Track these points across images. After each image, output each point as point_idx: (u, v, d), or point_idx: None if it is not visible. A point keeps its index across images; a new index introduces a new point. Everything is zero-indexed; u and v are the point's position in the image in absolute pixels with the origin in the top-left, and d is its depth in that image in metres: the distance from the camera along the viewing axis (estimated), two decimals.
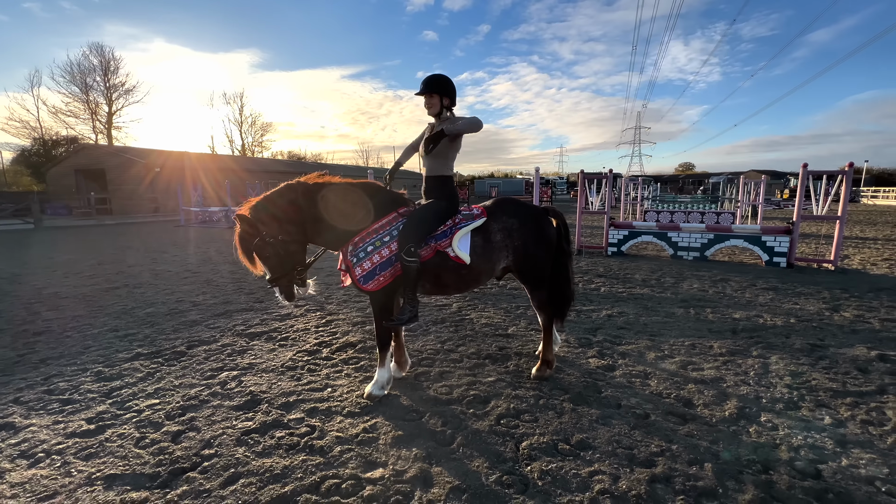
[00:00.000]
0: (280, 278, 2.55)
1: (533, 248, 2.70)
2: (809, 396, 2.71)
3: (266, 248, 2.50)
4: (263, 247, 2.50)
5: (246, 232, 2.50)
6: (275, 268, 2.54)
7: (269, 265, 2.54)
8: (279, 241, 2.51)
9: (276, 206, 2.54)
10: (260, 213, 2.52)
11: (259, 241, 2.49)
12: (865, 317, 4.31)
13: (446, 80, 2.65)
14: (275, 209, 2.53)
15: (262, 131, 50.62)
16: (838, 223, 6.78)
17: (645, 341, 3.68)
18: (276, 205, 2.54)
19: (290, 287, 2.60)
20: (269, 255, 2.51)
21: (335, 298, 5.26)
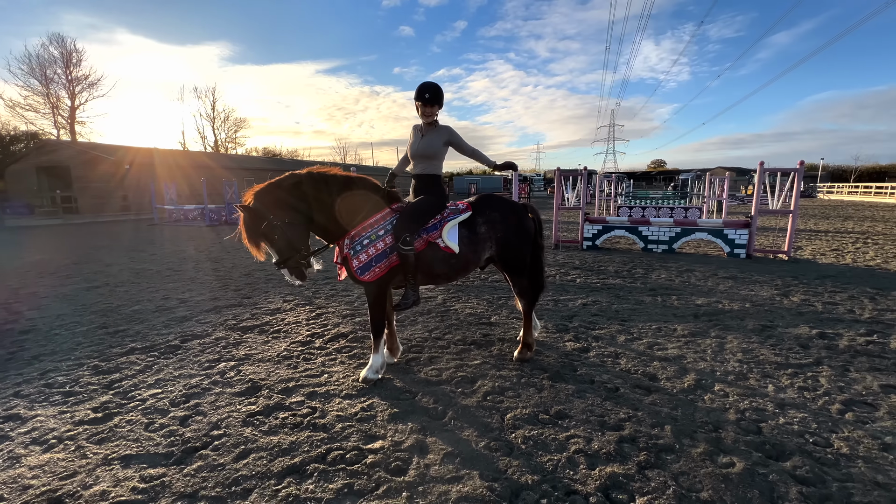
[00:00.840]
0: (289, 259, 2.68)
1: (514, 239, 2.96)
2: (757, 369, 3.07)
3: (274, 231, 2.63)
4: (271, 230, 2.62)
5: (252, 218, 2.62)
6: (283, 250, 2.67)
7: (277, 248, 2.67)
8: (286, 223, 2.64)
9: (283, 191, 2.68)
10: (266, 198, 2.65)
11: (266, 225, 2.62)
12: (811, 301, 4.78)
13: (441, 90, 2.89)
14: (281, 193, 2.67)
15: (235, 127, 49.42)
16: (791, 216, 7.35)
17: (616, 326, 4.00)
18: (282, 189, 2.69)
19: (299, 267, 2.73)
20: (278, 238, 2.64)
21: (323, 293, 5.40)
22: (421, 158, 2.94)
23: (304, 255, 2.73)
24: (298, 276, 2.74)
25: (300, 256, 2.71)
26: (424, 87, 2.83)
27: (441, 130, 2.92)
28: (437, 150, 2.91)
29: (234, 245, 9.93)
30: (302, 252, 2.72)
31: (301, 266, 2.73)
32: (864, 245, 8.84)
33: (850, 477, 1.95)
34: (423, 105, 2.84)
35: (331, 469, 2.04)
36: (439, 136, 2.91)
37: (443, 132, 2.92)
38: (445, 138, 2.92)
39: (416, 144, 2.95)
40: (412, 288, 2.81)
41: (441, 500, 1.84)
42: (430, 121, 2.90)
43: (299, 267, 2.72)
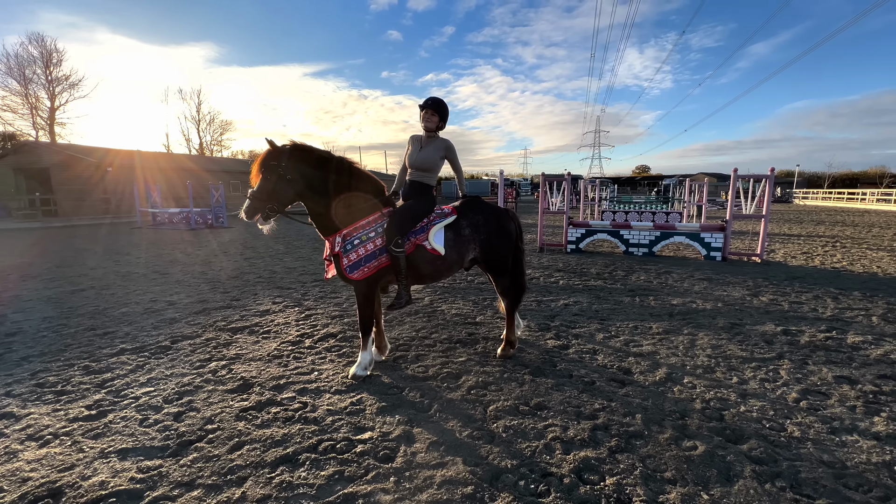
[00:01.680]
0: (259, 199, 2.70)
1: (496, 241, 3.12)
2: (724, 363, 3.27)
3: (273, 174, 2.71)
4: (272, 172, 2.70)
5: (273, 155, 2.71)
6: (263, 192, 2.70)
7: (262, 188, 2.72)
8: (286, 178, 2.72)
9: (310, 155, 2.80)
10: (296, 150, 2.76)
11: (275, 166, 2.70)
12: (778, 300, 5.05)
13: (445, 105, 3.09)
14: (307, 156, 2.78)
15: (221, 129, 48.87)
16: (763, 221, 7.69)
17: (595, 325, 4.19)
18: (311, 154, 2.81)
19: (257, 210, 2.71)
20: (270, 182, 2.70)
21: (311, 295, 5.49)
22: (418, 169, 3.10)
23: (273, 209, 2.74)
24: (248, 214, 2.72)
25: (270, 208, 2.74)
26: (430, 98, 3.04)
27: (439, 144, 3.10)
28: (435, 164, 3.10)
29: (222, 249, 9.91)
30: (275, 206, 2.74)
31: (257, 212, 2.72)
32: (833, 248, 9.26)
33: (799, 457, 2.14)
34: (425, 111, 3.02)
35: (322, 458, 2.16)
36: (437, 150, 3.09)
37: (441, 147, 3.10)
38: (442, 153, 3.11)
39: (414, 155, 3.10)
40: (404, 289, 2.95)
41: (426, 483, 1.97)
42: (430, 129, 3.07)
43: (257, 211, 2.72)
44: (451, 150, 3.13)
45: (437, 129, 3.12)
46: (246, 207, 2.72)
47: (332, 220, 2.86)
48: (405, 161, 3.22)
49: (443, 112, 3.10)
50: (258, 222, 2.77)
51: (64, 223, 18.10)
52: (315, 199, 2.83)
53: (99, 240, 12.17)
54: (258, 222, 2.77)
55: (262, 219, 2.75)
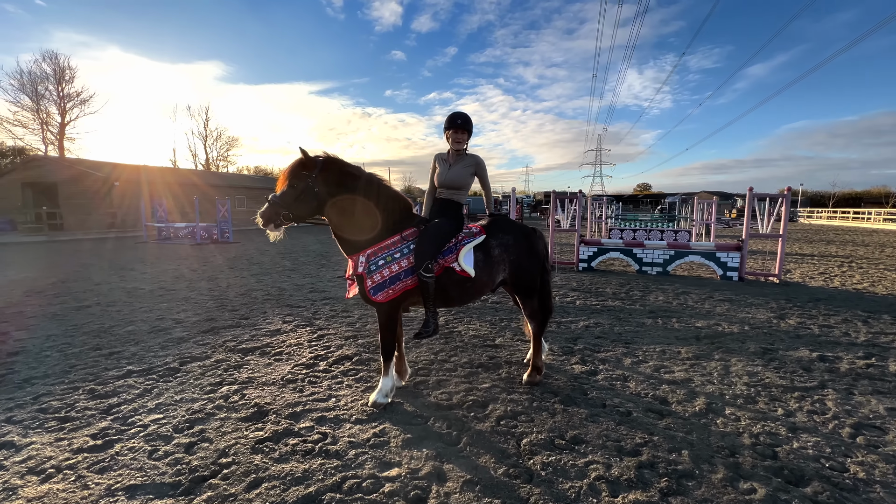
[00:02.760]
0: (280, 206, 2.61)
1: (526, 262, 2.99)
2: (764, 392, 3.09)
3: (300, 183, 2.62)
4: (300, 180, 2.62)
5: (303, 164, 2.62)
6: (285, 200, 2.62)
7: (287, 195, 2.62)
8: (312, 189, 2.63)
9: (340, 168, 2.72)
10: (329, 162, 2.69)
11: (304, 174, 2.62)
12: (807, 324, 4.87)
13: (471, 120, 3.01)
14: (337, 169, 2.70)
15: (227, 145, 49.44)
16: (780, 241, 7.55)
17: (621, 348, 4.01)
18: (341, 168, 2.73)
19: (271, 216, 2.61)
20: (296, 190, 2.61)
21: (322, 314, 5.33)
22: (448, 188, 3.01)
23: (289, 217, 2.64)
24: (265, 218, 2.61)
25: (285, 216, 2.63)
26: (456, 114, 2.95)
27: (468, 161, 3.01)
28: (466, 182, 3.01)
29: (228, 264, 9.80)
30: (290, 216, 2.64)
31: (273, 217, 2.62)
32: (850, 269, 9.09)
33: (870, 502, 1.95)
34: (455, 132, 2.93)
35: (348, 499, 1.98)
36: (468, 167, 3.00)
37: (471, 163, 3.01)
38: (472, 170, 3.02)
39: (444, 174, 3.01)
40: (432, 315, 2.80)
41: None
42: (460, 148, 2.98)
43: (280, 220, 2.63)
44: (481, 165, 3.03)
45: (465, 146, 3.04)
46: (263, 211, 2.62)
47: (356, 238, 2.74)
48: (433, 180, 3.11)
49: (471, 129, 3.02)
50: (270, 229, 2.66)
51: (69, 237, 18.08)
52: (340, 214, 2.72)
53: (104, 254, 12.08)
54: (270, 229, 2.66)
55: (274, 225, 2.64)
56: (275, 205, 2.61)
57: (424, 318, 2.85)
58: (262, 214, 2.62)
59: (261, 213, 2.62)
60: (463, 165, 2.99)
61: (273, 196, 2.64)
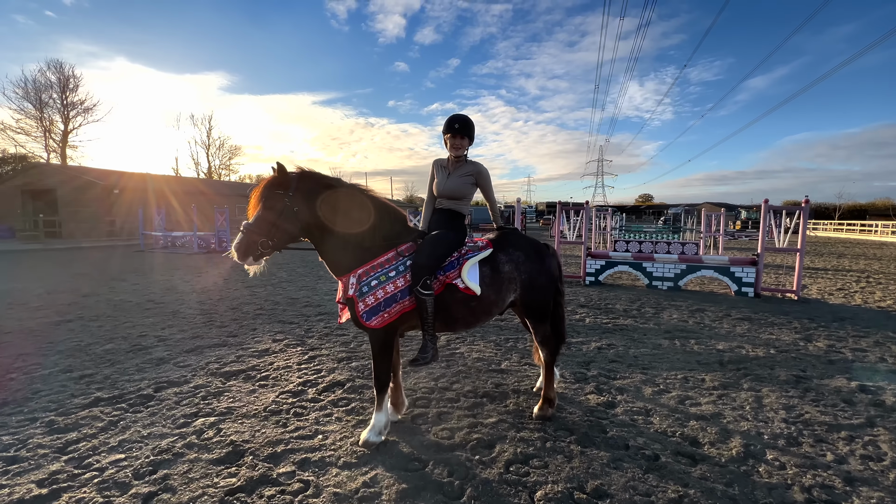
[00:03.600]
0: (257, 234, 2.27)
1: (539, 281, 2.67)
2: (807, 431, 2.74)
3: (277, 205, 2.30)
4: (277, 201, 2.31)
5: (279, 182, 2.31)
6: (262, 226, 2.29)
7: (261, 219, 2.30)
8: (292, 210, 2.32)
9: (320, 186, 2.41)
10: (306, 178, 2.39)
11: (281, 195, 2.31)
12: (836, 346, 4.51)
13: (472, 123, 2.70)
14: (317, 186, 2.40)
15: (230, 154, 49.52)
16: (798, 255, 7.21)
17: (639, 375, 3.66)
18: (321, 184, 2.42)
19: (249, 247, 2.27)
20: (273, 213, 2.29)
21: (315, 331, 5.00)
22: (447, 199, 2.71)
23: (269, 246, 2.31)
24: (239, 251, 2.27)
25: (263, 244, 2.29)
26: (454, 117, 2.65)
27: (468, 169, 2.72)
28: (466, 192, 2.71)
29: (222, 275, 9.49)
30: (270, 242, 2.31)
31: (249, 249, 2.28)
32: (868, 284, 8.72)
33: None
34: (452, 137, 2.64)
35: None
36: (468, 175, 2.71)
37: (471, 171, 2.72)
38: (473, 179, 2.72)
39: (442, 183, 2.72)
40: (431, 339, 2.47)
41: None
42: (459, 154, 2.68)
43: (258, 250, 2.29)
44: (482, 174, 2.72)
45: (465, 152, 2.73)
46: (238, 243, 2.28)
47: (345, 257, 2.43)
48: (431, 190, 2.81)
49: (472, 134, 2.71)
50: (248, 262, 2.31)
51: (67, 245, 17.84)
52: (324, 233, 2.42)
53: (98, 263, 11.81)
54: (248, 262, 2.31)
55: (253, 258, 2.30)
56: (250, 233, 2.28)
57: (422, 342, 2.52)
58: (237, 247, 2.28)
59: (235, 245, 2.28)
60: (462, 174, 2.69)
61: (246, 224, 2.30)
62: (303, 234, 2.42)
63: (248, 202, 2.37)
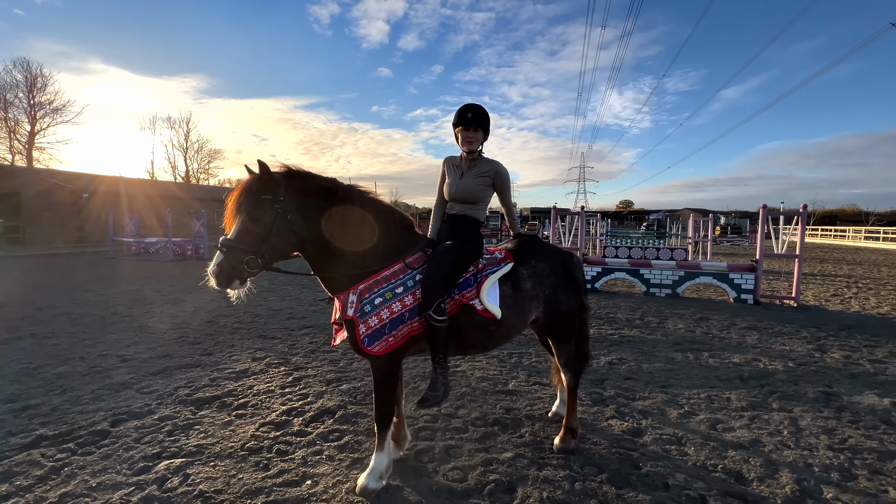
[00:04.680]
0: (242, 251, 1.84)
1: (564, 297, 2.33)
2: (858, 461, 2.46)
3: (266, 214, 1.88)
4: (264, 212, 1.88)
5: (262, 182, 1.89)
6: (247, 241, 1.86)
7: (245, 231, 1.86)
8: (285, 217, 1.91)
9: (314, 185, 2.02)
10: (296, 178, 1.99)
11: (268, 200, 1.88)
12: (854, 358, 4.31)
13: (487, 113, 2.32)
14: (311, 187, 2.01)
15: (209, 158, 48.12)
16: (797, 261, 7.10)
17: (659, 395, 3.36)
18: (315, 184, 2.03)
19: (232, 270, 1.83)
20: (259, 224, 1.87)
21: (300, 347, 4.55)
22: (461, 202, 2.34)
23: (257, 264, 1.87)
24: (218, 276, 1.82)
25: (250, 262, 1.85)
26: (466, 106, 2.29)
27: (486, 168, 2.34)
28: (482, 195, 2.34)
29: (198, 283, 8.90)
30: (257, 260, 1.87)
31: (244, 272, 1.85)
32: (859, 290, 8.73)
33: None
34: (465, 129, 2.27)
35: None
36: (483, 176, 2.33)
37: (488, 171, 2.34)
38: (490, 180, 2.34)
39: (455, 185, 2.34)
40: (442, 374, 2.09)
41: None
42: (473, 150, 2.32)
43: (241, 271, 1.85)
44: (501, 175, 2.35)
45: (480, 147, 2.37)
46: (219, 267, 1.82)
47: (343, 270, 2.04)
48: (442, 192, 2.45)
49: (488, 125, 2.35)
50: (231, 287, 1.87)
51: (28, 252, 16.76)
52: (321, 245, 2.02)
53: (61, 272, 11.00)
54: (231, 287, 1.87)
55: (239, 281, 1.88)
56: (234, 251, 1.83)
57: (431, 376, 2.13)
58: (217, 272, 1.81)
59: (214, 269, 1.82)
60: (477, 174, 2.32)
61: (226, 241, 1.85)
62: (296, 248, 2.01)
63: (227, 211, 1.92)
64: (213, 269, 1.83)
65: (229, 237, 1.87)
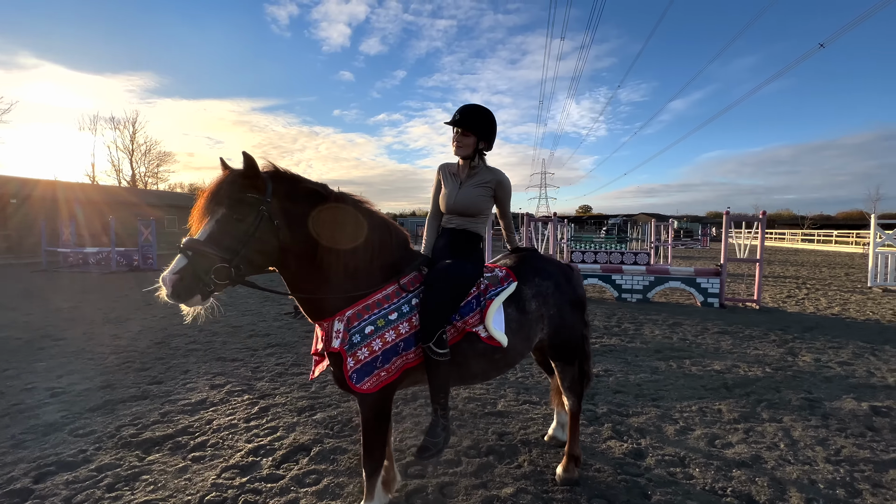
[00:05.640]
0: (213, 256, 1.50)
1: (569, 316, 2.15)
2: (857, 473, 2.43)
3: (250, 214, 1.58)
4: (248, 212, 1.58)
5: (245, 178, 1.58)
6: (223, 244, 1.53)
7: (223, 233, 1.54)
8: (270, 221, 1.61)
9: (304, 189, 1.74)
10: (281, 178, 1.70)
11: (250, 199, 1.58)
12: (823, 360, 4.45)
13: (487, 116, 2.07)
14: (299, 190, 1.73)
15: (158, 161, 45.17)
16: (758, 265, 7.41)
17: (652, 409, 3.26)
18: (305, 187, 1.74)
19: (195, 279, 1.48)
20: (241, 226, 1.56)
21: (266, 370, 4.13)
22: (459, 215, 2.11)
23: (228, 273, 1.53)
24: (185, 291, 1.47)
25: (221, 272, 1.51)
26: (461, 108, 2.05)
27: (487, 177, 2.11)
28: (483, 207, 2.11)
29: (145, 298, 8.12)
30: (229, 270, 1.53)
31: (209, 284, 1.50)
32: (809, 291, 9.26)
33: None
34: (455, 133, 2.03)
35: None
36: (486, 186, 2.10)
37: (489, 181, 2.11)
38: (492, 191, 2.12)
39: (453, 195, 2.10)
40: (444, 416, 1.83)
41: None
42: (465, 155, 2.08)
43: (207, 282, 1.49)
44: (503, 186, 2.13)
45: (475, 154, 2.13)
46: (180, 271, 1.46)
47: (330, 293, 1.75)
48: (437, 203, 2.20)
49: (481, 128, 2.07)
50: (189, 302, 1.52)
51: None
52: (304, 259, 1.72)
53: None
54: (189, 302, 1.52)
55: (201, 295, 1.54)
56: (201, 256, 1.48)
57: (431, 419, 1.87)
58: (175, 280, 1.45)
59: (169, 275, 1.46)
60: (478, 184, 2.09)
61: (192, 241, 1.51)
62: (274, 260, 1.70)
63: (196, 208, 1.59)
64: (170, 276, 1.45)
65: (197, 238, 1.53)
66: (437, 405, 1.83)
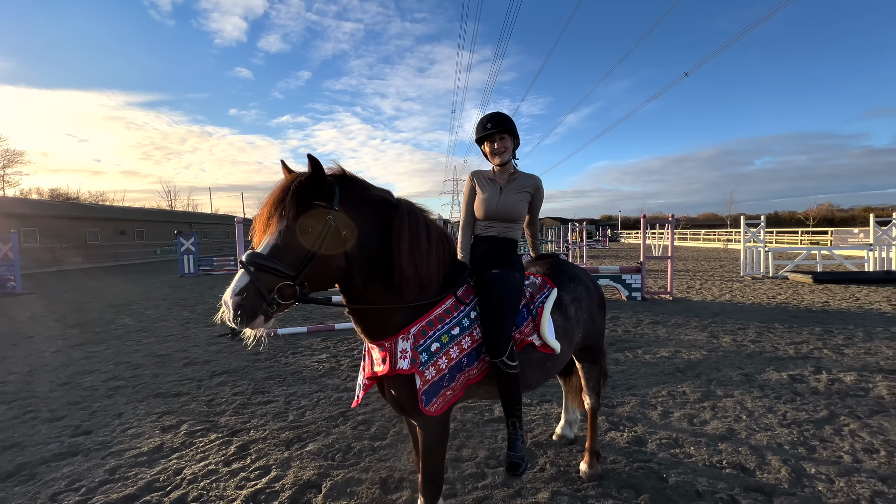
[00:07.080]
0: (279, 274, 1.32)
1: (599, 318, 2.26)
2: (805, 433, 2.90)
3: (318, 224, 1.39)
4: (317, 222, 1.40)
5: (316, 188, 1.41)
6: (286, 255, 1.34)
7: (286, 244, 1.35)
8: (339, 234, 1.43)
9: (373, 196, 1.60)
10: (355, 185, 1.55)
11: (322, 207, 1.41)
12: (738, 340, 5.25)
13: (512, 119, 2.07)
14: (369, 196, 1.58)
15: (6, 161, 37.12)
16: (670, 262, 8.50)
17: (629, 397, 3.55)
18: (374, 194, 1.61)
19: (260, 296, 1.29)
20: (310, 237, 1.38)
21: (224, 400, 3.61)
22: (502, 221, 2.07)
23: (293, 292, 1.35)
24: (249, 313, 1.28)
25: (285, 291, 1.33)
26: (484, 118, 2.04)
27: (527, 182, 2.13)
28: (523, 211, 2.13)
29: (22, 330, 6.59)
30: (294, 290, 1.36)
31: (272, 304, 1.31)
32: (702, 282, 10.86)
33: None
34: (491, 141, 2.01)
35: None
36: (523, 191, 2.10)
37: (528, 186, 2.12)
38: (530, 196, 2.14)
39: (494, 202, 2.06)
40: (521, 428, 1.80)
41: None
42: (505, 159, 2.06)
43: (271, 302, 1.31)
44: (540, 191, 2.17)
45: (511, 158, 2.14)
46: (243, 292, 1.27)
47: (395, 310, 1.60)
48: (472, 209, 2.14)
49: (513, 131, 2.05)
50: (254, 324, 1.31)
51: None
52: (371, 274, 1.55)
53: None
54: (254, 324, 1.31)
55: (264, 317, 1.32)
56: (265, 273, 1.31)
57: (508, 435, 1.81)
58: (239, 301, 1.26)
59: (232, 297, 1.26)
60: (518, 189, 2.09)
61: (255, 256, 1.32)
62: (342, 275, 1.51)
63: (258, 217, 1.39)
64: (234, 298, 1.26)
65: (259, 251, 1.33)
66: (514, 418, 1.78)
